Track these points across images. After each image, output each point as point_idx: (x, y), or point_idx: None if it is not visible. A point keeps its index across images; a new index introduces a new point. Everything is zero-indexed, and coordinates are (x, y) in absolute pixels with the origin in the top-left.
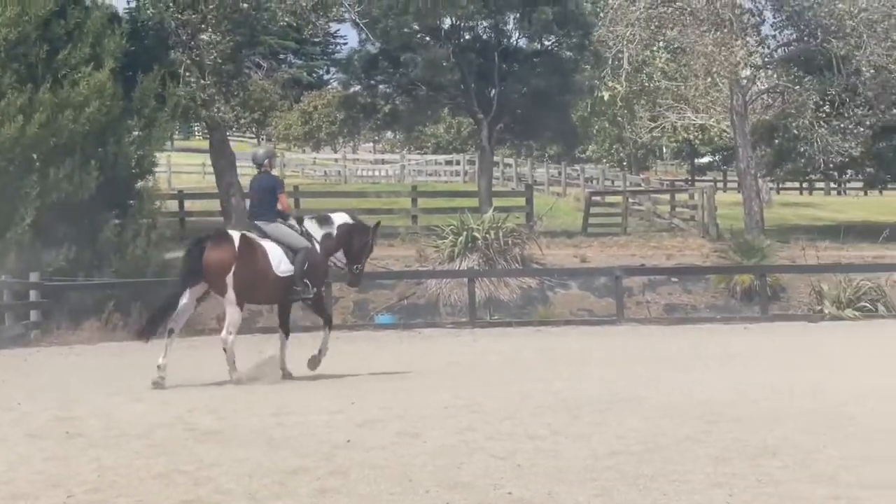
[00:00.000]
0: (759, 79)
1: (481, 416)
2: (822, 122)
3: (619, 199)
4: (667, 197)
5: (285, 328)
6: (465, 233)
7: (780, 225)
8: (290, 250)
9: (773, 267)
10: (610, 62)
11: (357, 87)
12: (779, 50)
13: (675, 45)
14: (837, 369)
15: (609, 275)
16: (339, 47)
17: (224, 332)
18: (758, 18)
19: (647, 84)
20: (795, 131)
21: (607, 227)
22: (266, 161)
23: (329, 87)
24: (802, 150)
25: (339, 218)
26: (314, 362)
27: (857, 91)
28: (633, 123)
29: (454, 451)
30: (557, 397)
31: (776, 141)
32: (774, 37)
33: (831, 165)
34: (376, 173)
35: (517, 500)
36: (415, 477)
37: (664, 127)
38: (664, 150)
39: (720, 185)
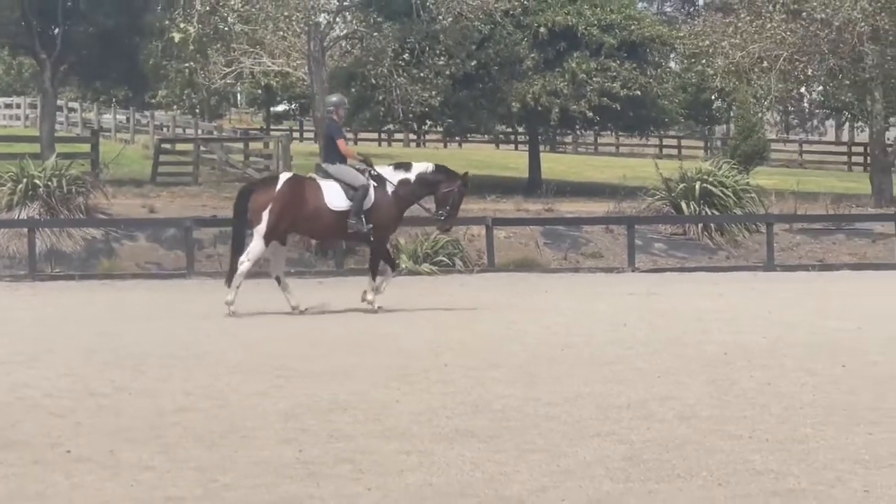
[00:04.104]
0: (337, 24)
1: (40, 373)
2: (401, 71)
3: (190, 147)
4: (241, 146)
5: (388, 262)
6: (24, 180)
7: None
8: (351, 188)
9: None
10: (182, 2)
11: None
12: None
13: None
14: (413, 324)
15: (179, 226)
16: None
17: (243, 257)
18: None
19: (221, 27)
20: (374, 80)
21: (178, 176)
22: (332, 108)
23: None
24: (381, 98)
25: (420, 166)
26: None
27: (438, 39)
28: (207, 69)
29: (9, 409)
30: (122, 353)
31: (354, 89)
32: None
33: (410, 115)
34: None
35: (76, 458)
36: None
37: (241, 73)
38: (239, 97)
39: (297, 134)
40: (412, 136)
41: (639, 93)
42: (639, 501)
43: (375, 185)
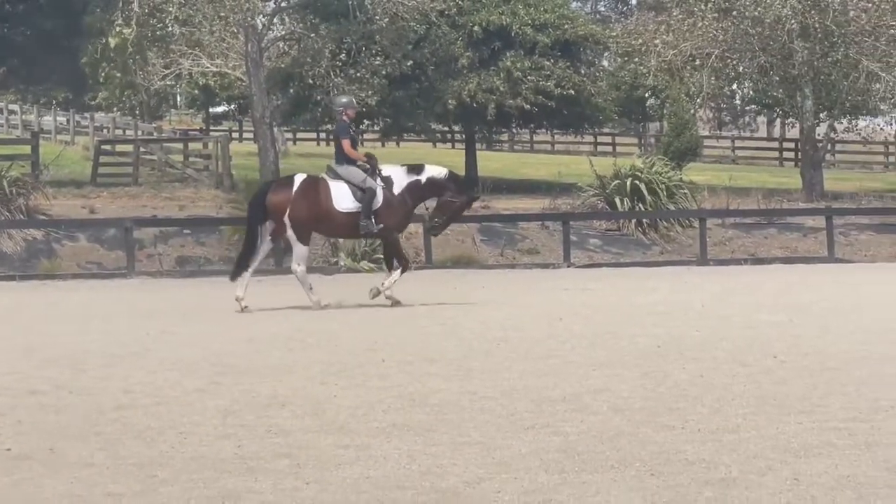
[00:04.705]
0: (274, 25)
1: None
2: (338, 71)
3: (130, 148)
4: (180, 146)
5: (388, 262)
6: None
7: None
8: (359, 189)
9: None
10: (121, 5)
11: None
12: None
13: None
14: (351, 320)
15: (119, 226)
16: None
17: (294, 265)
18: None
19: (159, 30)
20: (311, 80)
21: (118, 177)
22: (341, 109)
23: None
24: (319, 99)
25: (432, 170)
26: (373, 293)
27: (374, 40)
28: (146, 70)
29: None
30: (63, 351)
31: (291, 90)
32: None
33: None
34: None
35: (16, 456)
36: None
37: (179, 74)
38: (179, 98)
39: (236, 134)
40: None
41: (572, 91)
42: (573, 492)
43: (384, 185)
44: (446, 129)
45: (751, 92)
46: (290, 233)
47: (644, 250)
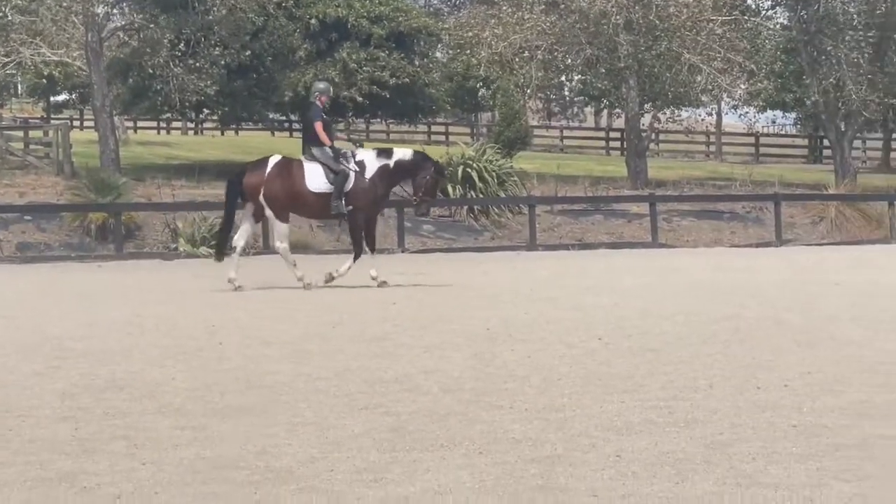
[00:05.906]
0: (114, 15)
1: None
2: (177, 61)
3: None
4: (20, 134)
5: (357, 246)
6: None
7: (136, 163)
8: (332, 171)
9: (127, 205)
10: None
11: None
12: None
13: None
14: (189, 305)
15: None
16: None
17: (276, 242)
18: None
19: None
20: (151, 70)
21: None
22: (317, 95)
23: None
24: (159, 88)
25: (400, 153)
26: (327, 278)
27: (213, 30)
28: None
29: None
30: None
31: (131, 80)
32: None
33: (187, 104)
34: None
35: None
36: None
37: (20, 63)
38: (20, 86)
39: (77, 123)
40: (190, 125)
41: (407, 81)
42: (404, 470)
43: (357, 170)
44: (283, 118)
45: (579, 83)
46: (268, 213)
47: (475, 236)
